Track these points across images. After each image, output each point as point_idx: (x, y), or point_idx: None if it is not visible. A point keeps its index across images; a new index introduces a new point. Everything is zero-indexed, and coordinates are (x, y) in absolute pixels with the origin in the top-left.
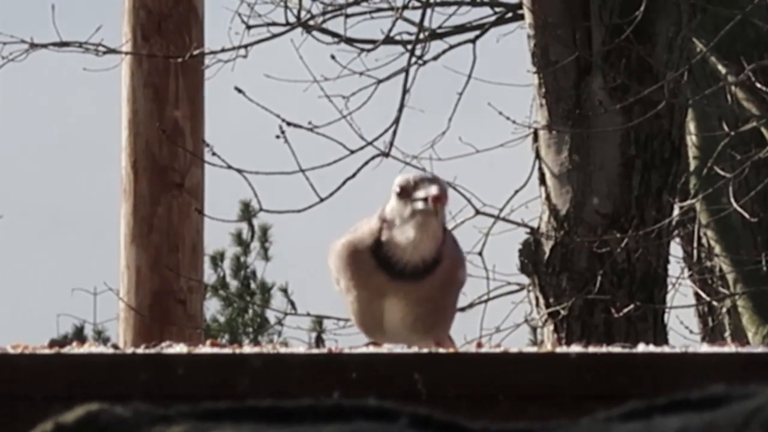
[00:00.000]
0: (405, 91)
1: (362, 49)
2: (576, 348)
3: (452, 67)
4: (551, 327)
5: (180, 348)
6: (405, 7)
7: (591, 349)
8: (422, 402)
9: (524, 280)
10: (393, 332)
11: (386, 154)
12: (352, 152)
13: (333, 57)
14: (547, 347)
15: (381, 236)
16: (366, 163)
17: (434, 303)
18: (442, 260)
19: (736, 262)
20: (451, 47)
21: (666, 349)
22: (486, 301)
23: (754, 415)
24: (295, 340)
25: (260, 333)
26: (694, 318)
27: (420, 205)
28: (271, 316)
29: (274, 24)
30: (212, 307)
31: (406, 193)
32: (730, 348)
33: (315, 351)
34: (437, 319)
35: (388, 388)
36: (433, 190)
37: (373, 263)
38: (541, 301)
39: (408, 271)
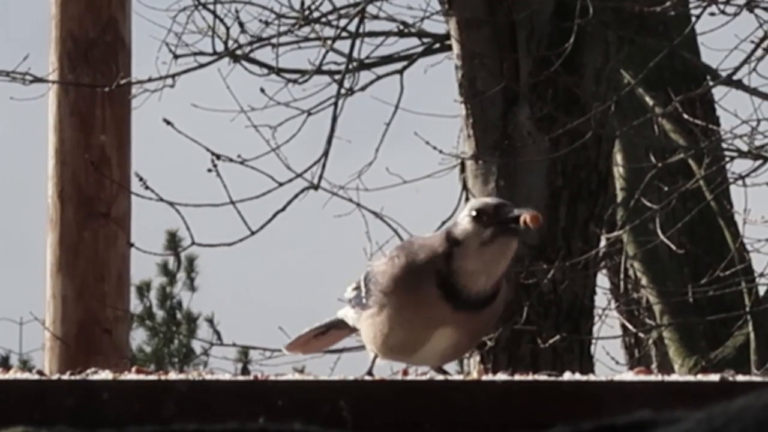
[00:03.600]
0: (334, 123)
1: (291, 80)
2: (502, 376)
3: (380, 98)
4: (478, 357)
5: (105, 374)
6: (335, 38)
7: (517, 377)
8: (348, 430)
9: None
10: (423, 358)
11: (316, 187)
12: (281, 184)
13: (262, 90)
14: (473, 376)
15: (451, 262)
16: (296, 195)
17: (480, 333)
18: (500, 291)
19: (662, 294)
20: (379, 78)
21: (592, 377)
22: None
23: None
24: (221, 371)
25: (186, 363)
26: (620, 349)
27: (509, 226)
28: (197, 346)
29: (201, 53)
30: (138, 337)
31: (484, 216)
32: (656, 376)
33: (241, 378)
34: (470, 349)
35: (313, 415)
36: (527, 211)
37: (437, 292)
38: None
39: (472, 300)
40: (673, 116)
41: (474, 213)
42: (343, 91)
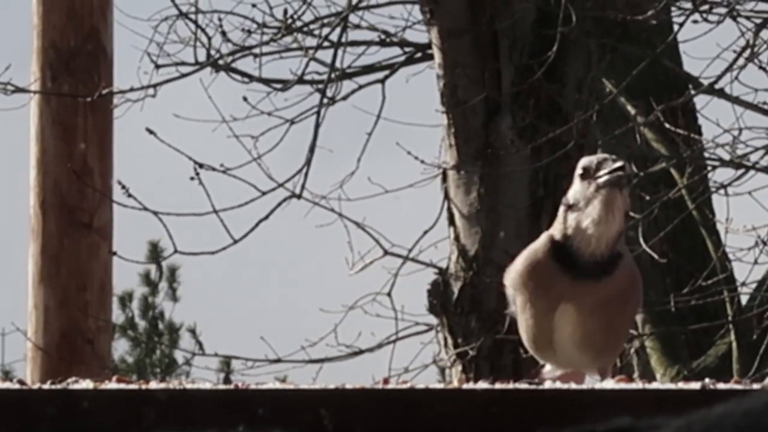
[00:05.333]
0: (316, 132)
1: (273, 89)
2: (483, 384)
3: (361, 107)
4: (460, 367)
5: (86, 384)
6: (317, 48)
7: (498, 386)
8: None
9: (433, 320)
10: (562, 350)
11: (298, 196)
12: (264, 194)
13: (245, 99)
14: (454, 383)
15: (565, 224)
16: (278, 205)
17: (607, 316)
18: (622, 261)
19: (644, 303)
20: (361, 87)
21: (573, 385)
22: (394, 342)
23: None
24: (204, 381)
25: (168, 373)
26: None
27: (604, 178)
28: (179, 356)
29: (183, 63)
30: (120, 348)
31: (589, 173)
32: (637, 384)
33: (221, 387)
34: (607, 339)
35: (294, 423)
36: (617, 164)
37: (553, 265)
38: (450, 341)
39: (590, 265)
40: (655, 125)
41: (580, 171)
42: (325, 100)
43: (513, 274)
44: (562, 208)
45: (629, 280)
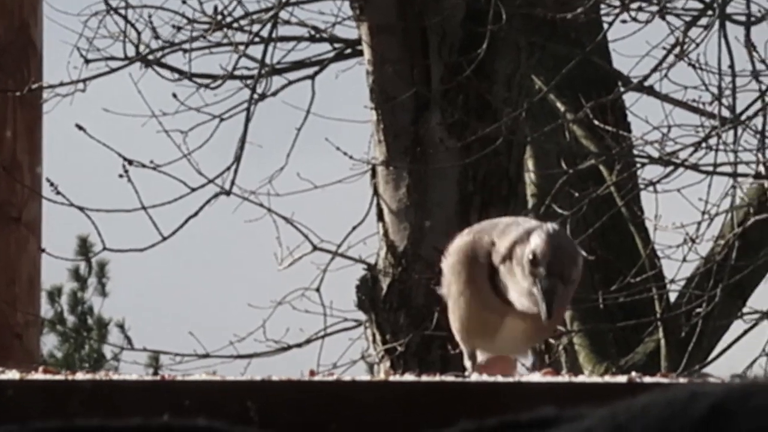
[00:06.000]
0: (246, 128)
1: (203, 85)
2: (409, 377)
3: (291, 103)
4: (388, 363)
5: (12, 374)
6: (248, 43)
7: (424, 378)
8: (255, 429)
9: (361, 316)
10: (499, 343)
11: (228, 192)
12: (193, 190)
13: (175, 95)
14: (381, 376)
15: (496, 275)
16: (208, 201)
17: (556, 318)
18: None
19: (573, 300)
20: (291, 83)
21: (499, 378)
22: (323, 337)
23: None
24: (132, 375)
25: (97, 368)
26: (530, 355)
27: (540, 295)
28: (108, 351)
29: (112, 58)
30: (49, 342)
31: (536, 262)
32: (563, 377)
33: (147, 378)
34: (550, 331)
35: (220, 415)
36: (544, 295)
37: (491, 289)
38: (378, 337)
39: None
40: (585, 122)
41: (530, 256)
42: (255, 96)
43: (452, 266)
44: (494, 250)
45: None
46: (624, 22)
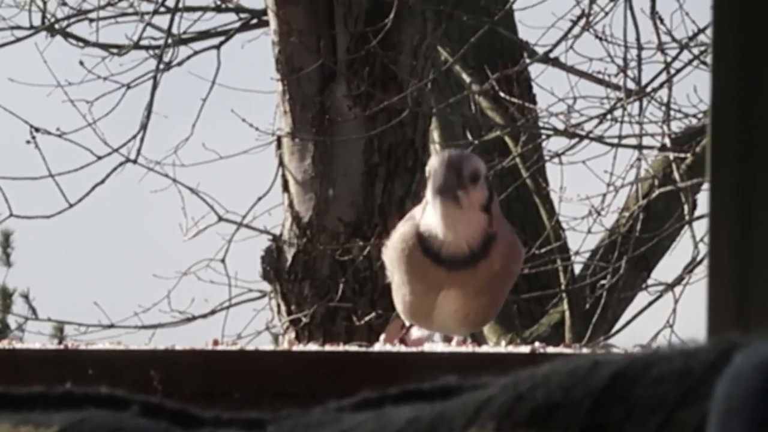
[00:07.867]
0: (152, 97)
1: (110, 54)
2: (313, 346)
3: (197, 73)
4: (293, 334)
5: None
6: (153, 13)
7: (327, 348)
8: (158, 398)
9: (266, 287)
10: (442, 324)
11: (133, 161)
12: (99, 158)
13: (81, 63)
14: (285, 346)
15: (421, 227)
16: (113, 170)
17: (489, 294)
18: (496, 243)
19: None
20: (196, 53)
21: (402, 348)
22: (228, 308)
23: (486, 404)
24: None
25: (1, 338)
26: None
27: (434, 192)
28: (12, 321)
29: (18, 27)
30: None
31: (432, 178)
32: (467, 347)
33: (50, 347)
34: (488, 313)
35: (123, 384)
36: (439, 184)
37: (423, 256)
38: (283, 308)
39: (459, 258)
40: (490, 94)
41: (427, 173)
42: (161, 66)
43: (390, 251)
44: (420, 206)
45: (507, 258)
46: None
